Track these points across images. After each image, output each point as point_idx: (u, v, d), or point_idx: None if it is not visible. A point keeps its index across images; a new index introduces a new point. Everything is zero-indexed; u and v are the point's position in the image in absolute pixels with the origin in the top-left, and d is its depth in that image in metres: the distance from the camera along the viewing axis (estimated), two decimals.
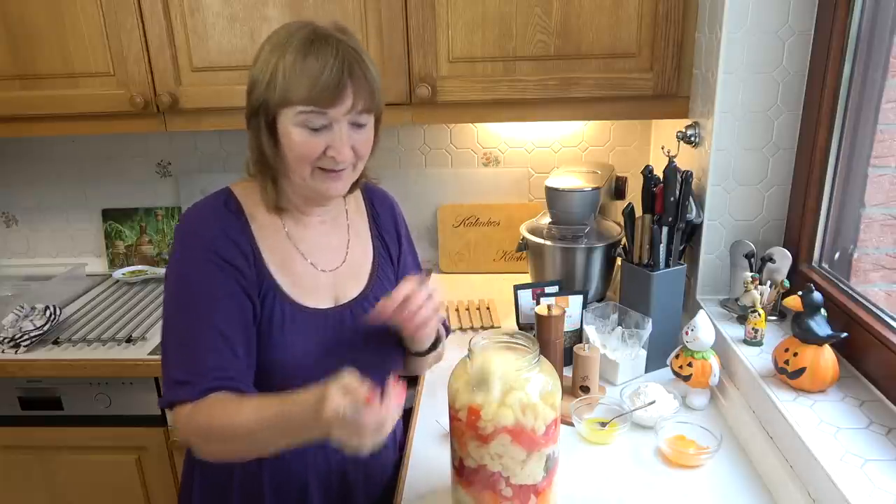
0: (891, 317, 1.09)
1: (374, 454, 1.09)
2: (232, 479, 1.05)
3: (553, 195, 1.59)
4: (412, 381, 1.38)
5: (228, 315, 0.96)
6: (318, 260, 1.08)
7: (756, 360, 1.21)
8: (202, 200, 1.04)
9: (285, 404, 0.88)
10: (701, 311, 1.27)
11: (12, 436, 1.69)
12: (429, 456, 1.18)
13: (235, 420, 0.90)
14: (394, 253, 1.19)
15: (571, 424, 1.21)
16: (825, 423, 1.02)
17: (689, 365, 1.25)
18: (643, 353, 1.38)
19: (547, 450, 0.92)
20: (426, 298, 0.99)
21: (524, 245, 1.66)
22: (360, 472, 1.11)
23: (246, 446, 0.93)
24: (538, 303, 1.38)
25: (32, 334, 1.64)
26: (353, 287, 1.10)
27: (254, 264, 1.00)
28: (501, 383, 0.89)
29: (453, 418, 0.94)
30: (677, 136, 1.50)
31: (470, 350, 0.93)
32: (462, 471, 0.95)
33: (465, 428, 0.92)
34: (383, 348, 1.10)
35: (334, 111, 0.94)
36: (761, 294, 1.29)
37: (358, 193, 1.19)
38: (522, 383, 0.90)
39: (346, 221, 1.15)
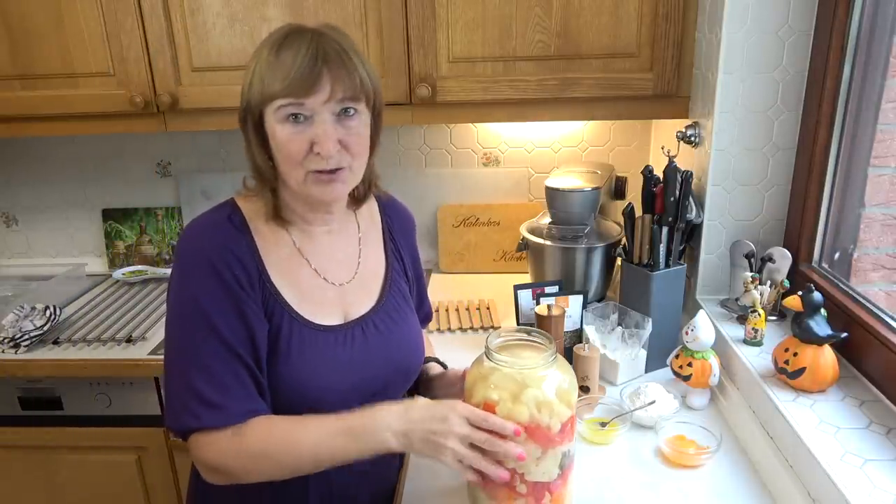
0: (891, 317, 1.09)
1: (379, 467, 1.09)
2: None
3: (553, 195, 1.59)
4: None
5: (239, 335, 0.93)
6: (327, 273, 1.04)
7: (756, 360, 1.21)
8: (205, 214, 1.00)
9: (349, 416, 0.92)
10: (701, 311, 1.27)
11: (12, 436, 1.69)
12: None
13: (300, 437, 0.91)
14: (410, 271, 1.17)
15: None
16: (825, 423, 1.02)
17: (689, 365, 1.25)
18: (643, 353, 1.38)
19: (562, 448, 0.92)
20: None
21: (524, 245, 1.66)
22: (363, 488, 1.09)
23: (306, 462, 0.92)
24: (538, 303, 1.38)
25: (32, 334, 1.64)
26: (363, 302, 1.07)
27: (258, 282, 0.96)
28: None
29: None
30: (677, 136, 1.50)
31: (486, 347, 0.94)
32: None
33: None
34: (395, 370, 1.07)
35: (311, 100, 0.90)
36: (761, 294, 1.29)
37: (373, 204, 1.16)
38: (538, 381, 0.90)
39: (358, 233, 1.11)
